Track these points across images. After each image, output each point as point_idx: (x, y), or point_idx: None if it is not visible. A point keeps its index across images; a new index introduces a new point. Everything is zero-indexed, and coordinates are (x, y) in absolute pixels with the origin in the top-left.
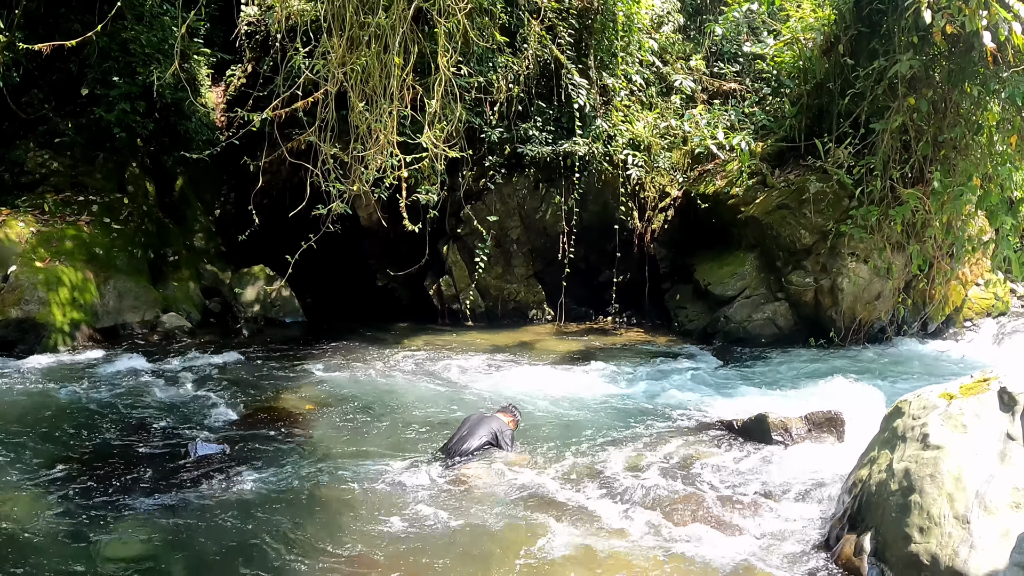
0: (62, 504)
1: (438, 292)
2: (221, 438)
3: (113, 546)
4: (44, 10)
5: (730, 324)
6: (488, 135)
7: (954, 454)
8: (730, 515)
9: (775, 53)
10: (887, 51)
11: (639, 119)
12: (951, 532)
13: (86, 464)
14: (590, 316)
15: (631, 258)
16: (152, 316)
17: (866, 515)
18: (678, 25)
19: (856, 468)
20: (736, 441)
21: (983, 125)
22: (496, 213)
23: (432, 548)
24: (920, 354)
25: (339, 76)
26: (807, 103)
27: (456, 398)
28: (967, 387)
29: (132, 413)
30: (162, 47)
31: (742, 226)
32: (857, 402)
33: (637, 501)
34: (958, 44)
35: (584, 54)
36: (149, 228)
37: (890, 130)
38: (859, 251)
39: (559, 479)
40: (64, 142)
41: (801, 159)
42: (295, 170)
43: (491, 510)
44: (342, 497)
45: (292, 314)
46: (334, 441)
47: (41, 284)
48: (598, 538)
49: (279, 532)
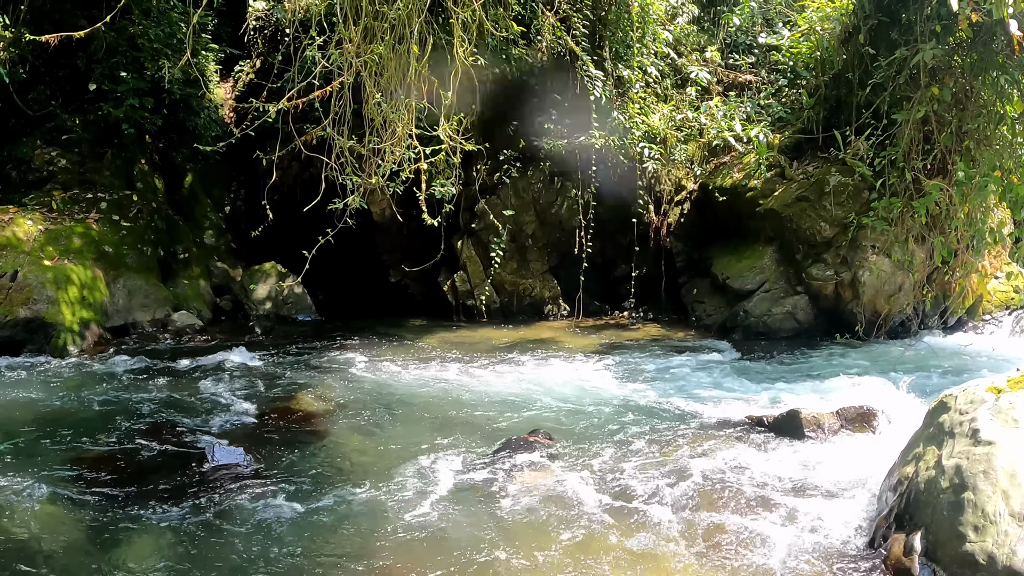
0: (72, 510)
1: (452, 288)
2: (237, 440)
3: (125, 555)
4: (50, 5)
5: (749, 318)
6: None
7: (1007, 450)
8: (769, 513)
9: (791, 44)
10: (907, 40)
11: (655, 111)
12: (1008, 530)
13: (98, 468)
14: (606, 311)
15: (647, 252)
16: (163, 314)
17: (915, 513)
18: (692, 16)
19: (900, 465)
20: (768, 437)
21: (1005, 116)
22: (511, 207)
23: (466, 555)
24: (943, 348)
25: (355, 66)
26: (825, 94)
27: (474, 397)
28: (1015, 380)
29: (144, 414)
30: (170, 42)
31: (760, 219)
32: (887, 397)
33: (670, 500)
34: (981, 33)
35: (599, 46)
36: (158, 225)
37: (912, 121)
38: (880, 243)
39: (587, 479)
40: (72, 139)
41: (819, 151)
42: (306, 165)
43: (519, 512)
44: (368, 503)
45: (305, 311)
46: (355, 444)
47: (50, 283)
48: (633, 538)
49: (302, 542)
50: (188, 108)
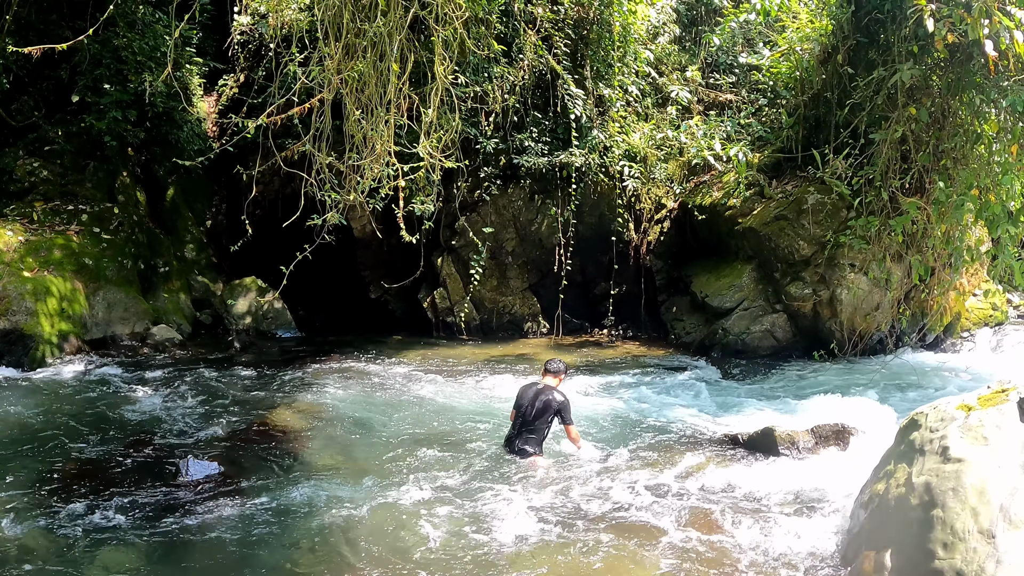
0: (46, 523)
1: (432, 305)
2: (213, 455)
3: (94, 568)
4: (35, 16)
5: (728, 336)
6: (483, 146)
7: (976, 467)
8: (741, 530)
9: (771, 64)
10: (886, 61)
11: (635, 130)
12: (976, 547)
13: (73, 481)
14: (585, 329)
15: (627, 270)
16: (142, 328)
17: (885, 530)
18: (674, 36)
19: (871, 482)
20: (743, 454)
21: (982, 135)
22: (491, 225)
23: (439, 570)
24: (920, 365)
25: (335, 83)
26: (804, 114)
27: (451, 414)
28: (985, 398)
29: (121, 428)
30: (154, 55)
31: (739, 237)
32: (862, 414)
33: (642, 516)
34: (958, 53)
35: (580, 64)
36: (139, 238)
37: (890, 140)
38: (858, 262)
39: (559, 494)
40: (54, 150)
41: (798, 170)
42: (287, 181)
43: (495, 528)
44: (340, 518)
45: (284, 327)
46: (330, 459)
47: (29, 294)
48: (599, 552)
49: (275, 557)
50: (171, 121)
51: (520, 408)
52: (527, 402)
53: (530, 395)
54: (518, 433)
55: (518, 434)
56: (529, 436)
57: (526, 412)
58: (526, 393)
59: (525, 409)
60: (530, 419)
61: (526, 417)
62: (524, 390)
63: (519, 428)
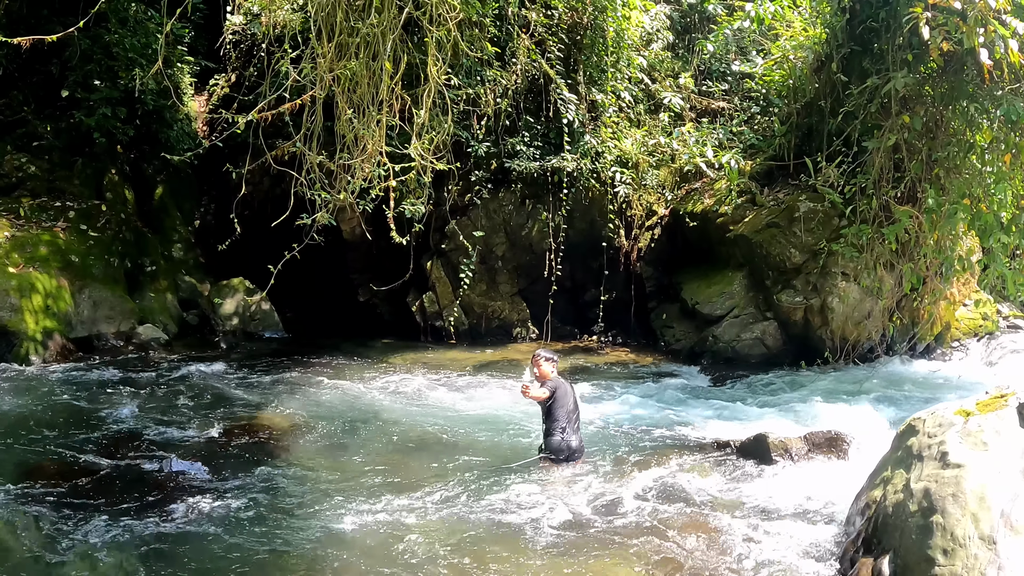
0: (26, 523)
1: (421, 308)
2: (197, 456)
3: (73, 567)
4: (26, 10)
5: (718, 343)
6: (475, 149)
7: (976, 472)
8: (735, 538)
9: (765, 72)
10: (879, 69)
11: (627, 136)
12: (977, 553)
13: (53, 479)
14: (575, 335)
15: (617, 276)
16: (128, 327)
17: (883, 537)
18: (667, 43)
19: (868, 488)
20: (736, 462)
21: (975, 144)
22: (482, 229)
23: (424, 570)
24: (911, 374)
25: (327, 81)
26: (796, 122)
27: (438, 418)
28: (984, 403)
29: (104, 427)
30: (145, 52)
31: (730, 245)
32: (855, 422)
33: (639, 525)
34: (952, 62)
35: (573, 69)
36: (127, 236)
37: (883, 148)
38: (849, 270)
39: (549, 500)
40: (42, 146)
41: (790, 178)
42: (277, 181)
43: (482, 527)
44: (324, 520)
45: (272, 328)
46: (317, 462)
47: (14, 290)
48: (592, 559)
49: (258, 558)
50: (161, 119)
51: (570, 402)
52: (573, 395)
53: (569, 388)
54: (575, 429)
55: (575, 430)
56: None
57: (576, 404)
58: (565, 387)
59: (575, 401)
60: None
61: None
62: (564, 385)
63: (574, 423)
